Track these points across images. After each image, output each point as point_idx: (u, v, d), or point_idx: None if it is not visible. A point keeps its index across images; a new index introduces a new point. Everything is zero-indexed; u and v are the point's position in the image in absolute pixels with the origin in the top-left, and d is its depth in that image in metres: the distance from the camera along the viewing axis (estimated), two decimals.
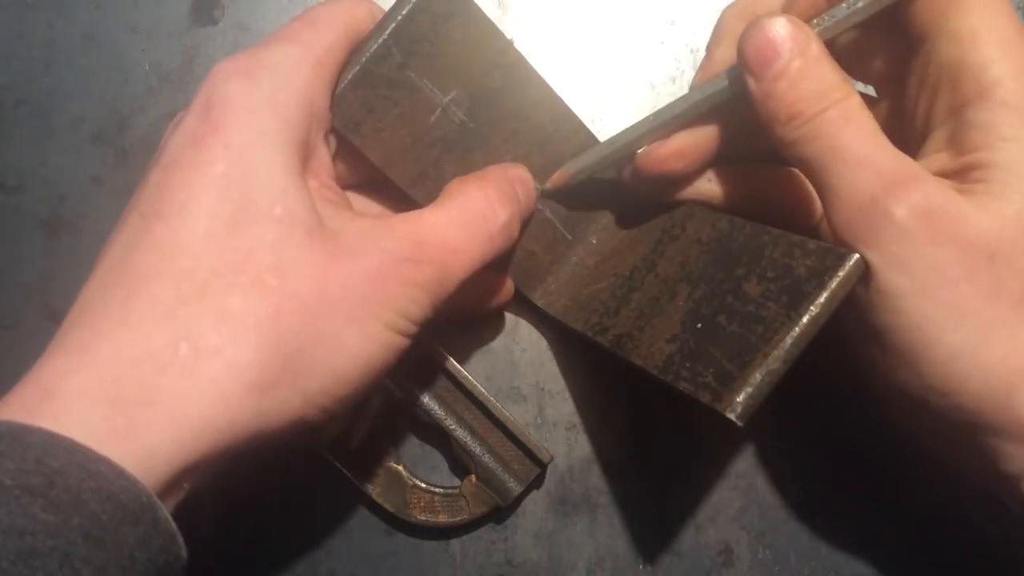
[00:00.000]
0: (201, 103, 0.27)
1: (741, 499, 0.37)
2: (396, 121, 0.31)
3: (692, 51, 0.38)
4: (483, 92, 0.32)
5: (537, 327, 0.38)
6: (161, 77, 0.38)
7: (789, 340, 0.26)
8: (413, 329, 0.27)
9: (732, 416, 0.26)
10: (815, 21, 0.29)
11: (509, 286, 0.35)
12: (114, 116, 0.38)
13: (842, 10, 0.29)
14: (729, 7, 0.34)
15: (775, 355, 0.26)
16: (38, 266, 0.37)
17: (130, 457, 0.22)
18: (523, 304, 0.36)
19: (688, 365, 0.28)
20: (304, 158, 0.28)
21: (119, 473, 0.22)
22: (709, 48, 0.33)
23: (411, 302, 0.27)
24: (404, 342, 0.27)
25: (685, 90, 0.38)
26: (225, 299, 0.24)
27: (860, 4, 0.28)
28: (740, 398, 0.26)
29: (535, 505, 0.37)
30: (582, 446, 0.37)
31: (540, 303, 0.35)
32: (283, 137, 0.26)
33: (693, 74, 0.38)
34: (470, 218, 0.29)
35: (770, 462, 0.37)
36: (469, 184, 0.30)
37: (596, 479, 0.37)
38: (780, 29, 0.27)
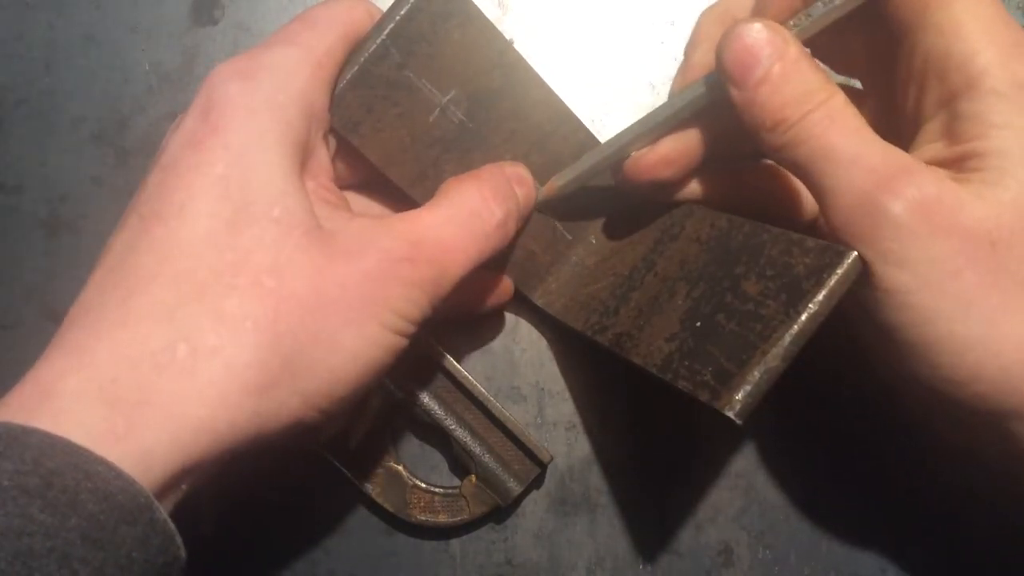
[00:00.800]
0: (201, 104, 0.27)
1: (741, 499, 0.37)
2: (395, 121, 0.31)
3: None
4: (482, 92, 0.32)
5: (537, 327, 0.38)
6: (161, 77, 0.38)
7: (788, 338, 0.26)
8: (411, 329, 0.27)
9: (731, 414, 0.26)
10: (792, 22, 0.29)
11: (508, 286, 0.35)
12: (114, 116, 0.38)
13: (818, 8, 0.28)
14: (706, 10, 0.34)
15: (774, 353, 0.26)
16: (38, 266, 0.37)
17: (128, 458, 0.22)
18: (523, 304, 0.36)
19: (687, 363, 0.28)
20: (303, 159, 0.28)
21: (117, 474, 0.22)
22: (687, 52, 0.33)
23: (409, 302, 0.27)
24: (402, 342, 0.27)
25: None
26: (223, 300, 0.24)
27: (836, 2, 0.28)
28: (739, 396, 0.26)
29: (535, 505, 0.37)
30: (582, 446, 0.37)
31: (540, 303, 0.35)
32: (282, 138, 0.26)
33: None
34: (465, 216, 0.29)
35: (770, 462, 0.37)
36: (464, 183, 0.30)
37: (596, 479, 0.37)
38: (757, 34, 0.27)
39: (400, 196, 0.32)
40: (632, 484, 0.37)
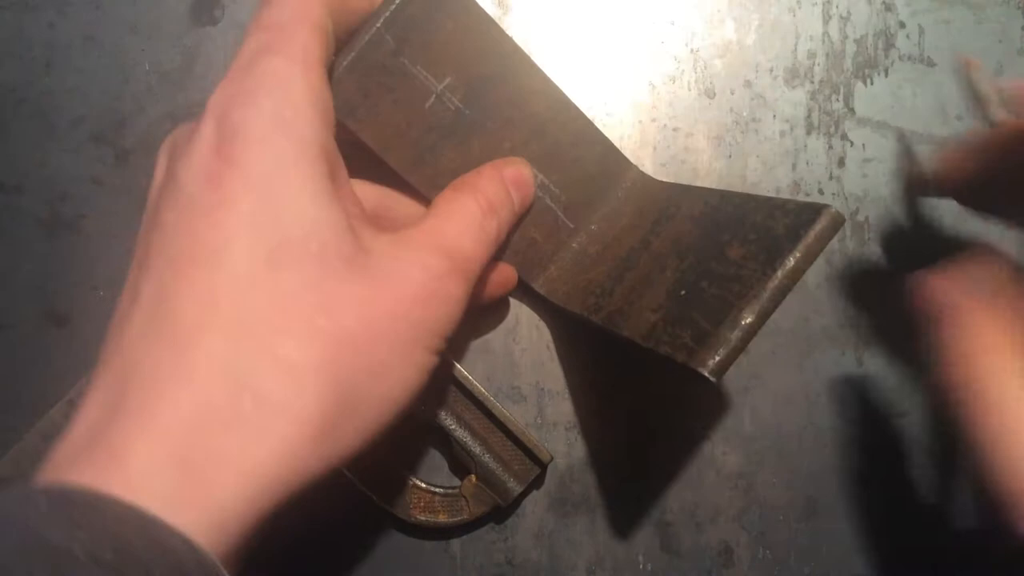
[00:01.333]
0: (209, 136, 0.25)
1: (741, 499, 0.37)
2: (391, 107, 0.31)
3: (692, 51, 0.38)
4: (478, 79, 0.33)
5: (540, 315, 0.38)
6: (161, 77, 0.38)
7: (764, 295, 0.26)
8: (445, 347, 0.27)
9: (705, 372, 0.25)
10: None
11: (512, 275, 0.35)
12: (114, 116, 0.38)
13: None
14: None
15: (749, 309, 0.26)
16: (38, 266, 0.37)
17: (201, 523, 0.22)
18: (526, 294, 0.37)
19: (669, 330, 0.28)
20: (330, 165, 0.26)
21: (191, 547, 0.21)
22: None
23: (448, 319, 0.27)
24: (437, 361, 0.27)
25: (685, 90, 0.38)
26: (279, 347, 0.24)
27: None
28: (714, 354, 0.26)
29: (535, 505, 0.37)
30: (582, 446, 0.37)
31: (542, 291, 0.35)
32: (301, 157, 0.25)
33: (693, 74, 0.38)
34: (474, 228, 0.29)
35: (770, 462, 0.37)
36: (462, 194, 0.30)
37: (596, 479, 0.37)
38: None
39: (400, 180, 0.32)
40: (632, 484, 0.37)
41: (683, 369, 0.26)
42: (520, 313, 0.38)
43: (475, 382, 0.36)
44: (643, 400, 0.37)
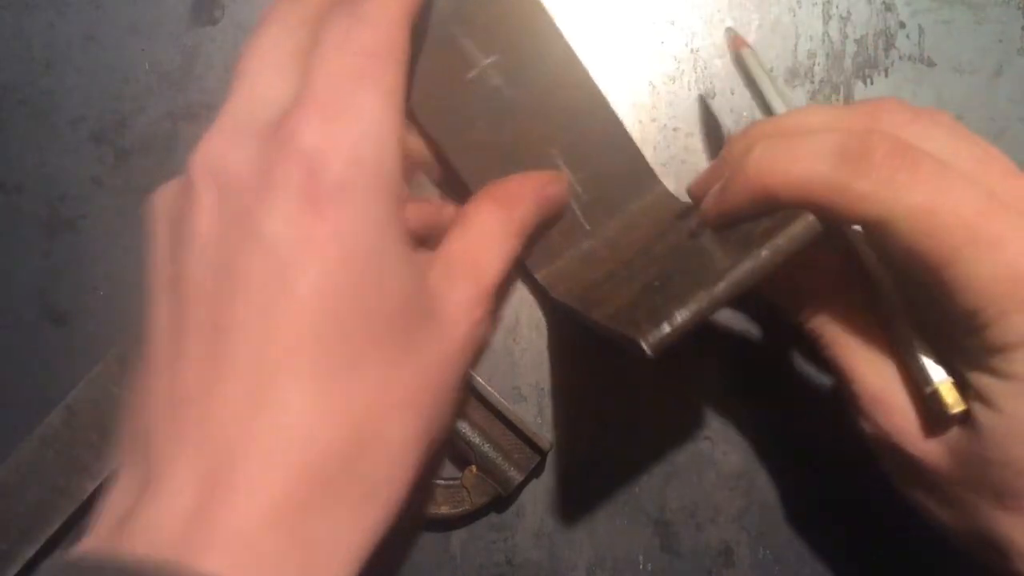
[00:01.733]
0: (299, 181, 0.23)
1: (741, 499, 0.37)
2: (432, 73, 0.32)
3: (692, 51, 0.38)
4: (522, 63, 0.33)
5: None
6: (161, 77, 0.38)
7: (721, 284, 0.27)
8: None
9: (644, 344, 0.26)
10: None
11: None
12: (114, 116, 0.38)
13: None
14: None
15: (703, 295, 0.27)
16: (38, 266, 0.37)
17: None
18: (526, 279, 0.36)
19: (631, 312, 0.29)
20: (403, 214, 0.25)
21: None
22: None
23: (477, 357, 0.27)
24: None
25: (685, 90, 0.38)
26: (385, 426, 0.23)
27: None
28: (655, 329, 0.26)
29: (535, 505, 0.37)
30: (582, 446, 0.37)
31: (544, 282, 0.35)
32: (394, 221, 0.24)
33: (693, 74, 0.38)
34: (504, 251, 0.29)
35: (770, 462, 0.37)
36: (501, 209, 0.30)
37: (596, 479, 0.37)
38: None
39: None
40: (632, 484, 0.37)
41: (630, 345, 0.27)
42: (520, 313, 0.38)
43: (473, 373, 0.36)
44: (643, 400, 0.37)
